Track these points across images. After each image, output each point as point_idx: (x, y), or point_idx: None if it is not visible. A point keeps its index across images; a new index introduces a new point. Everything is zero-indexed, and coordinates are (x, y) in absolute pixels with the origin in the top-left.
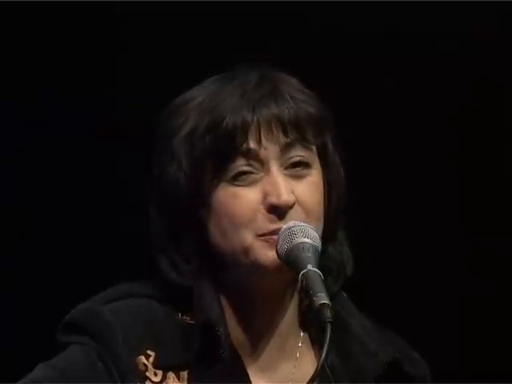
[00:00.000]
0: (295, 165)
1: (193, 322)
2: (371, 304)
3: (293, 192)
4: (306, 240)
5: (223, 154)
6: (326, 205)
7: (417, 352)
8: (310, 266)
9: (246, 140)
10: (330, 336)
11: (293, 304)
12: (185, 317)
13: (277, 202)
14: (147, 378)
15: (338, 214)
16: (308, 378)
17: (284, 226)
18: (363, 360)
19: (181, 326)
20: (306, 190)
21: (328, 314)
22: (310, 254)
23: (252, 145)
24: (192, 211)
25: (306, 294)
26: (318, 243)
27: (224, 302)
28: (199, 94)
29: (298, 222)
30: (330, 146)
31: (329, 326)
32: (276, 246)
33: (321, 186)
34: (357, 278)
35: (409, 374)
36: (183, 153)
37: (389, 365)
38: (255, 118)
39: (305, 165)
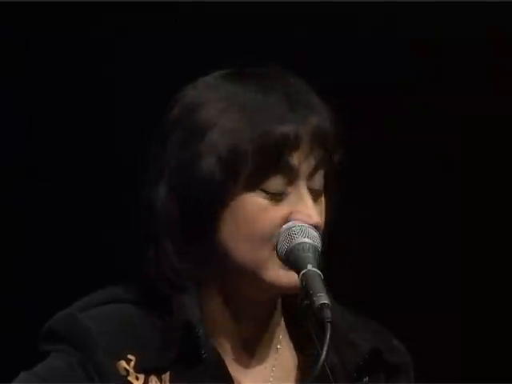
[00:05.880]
0: (315, 191)
1: (173, 325)
2: (372, 304)
3: None
4: (306, 240)
5: (267, 166)
6: None
7: (409, 348)
8: (310, 266)
9: (290, 156)
10: (319, 334)
11: (279, 306)
12: (165, 319)
13: (307, 222)
14: (129, 383)
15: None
16: (289, 376)
17: (284, 226)
18: (344, 353)
19: (161, 328)
20: (320, 212)
21: (328, 314)
22: (310, 254)
23: (293, 161)
24: (214, 207)
25: (306, 293)
26: (318, 243)
27: (210, 303)
28: (236, 92)
29: (297, 222)
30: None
31: (329, 326)
32: (276, 246)
33: None
34: (354, 280)
35: (390, 362)
36: (224, 148)
37: (369, 355)
38: (302, 134)
39: (320, 191)
